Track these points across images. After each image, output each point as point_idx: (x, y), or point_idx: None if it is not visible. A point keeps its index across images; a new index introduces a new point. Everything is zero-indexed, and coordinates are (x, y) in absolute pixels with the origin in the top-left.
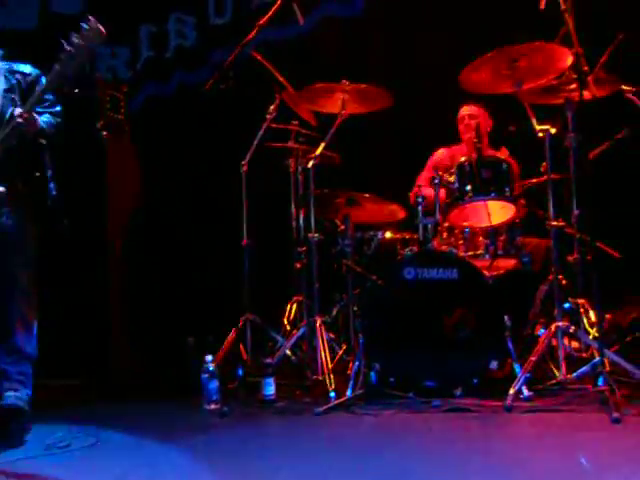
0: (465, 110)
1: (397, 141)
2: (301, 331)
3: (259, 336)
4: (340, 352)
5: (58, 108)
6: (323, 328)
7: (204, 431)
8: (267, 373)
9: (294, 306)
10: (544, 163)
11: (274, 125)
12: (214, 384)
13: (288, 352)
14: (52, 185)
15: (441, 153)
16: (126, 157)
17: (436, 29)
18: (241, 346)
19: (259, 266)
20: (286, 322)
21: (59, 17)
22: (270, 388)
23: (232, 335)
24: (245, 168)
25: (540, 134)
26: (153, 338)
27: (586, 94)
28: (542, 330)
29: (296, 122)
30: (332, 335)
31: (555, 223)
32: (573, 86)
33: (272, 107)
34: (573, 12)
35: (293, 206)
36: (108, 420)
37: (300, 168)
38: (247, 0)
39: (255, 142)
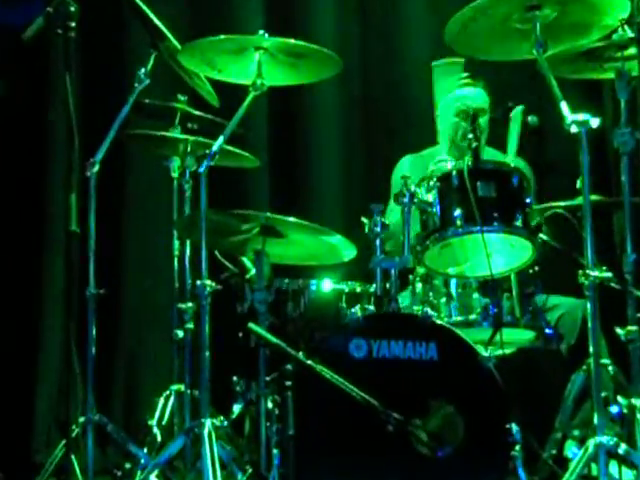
0: (471, 95)
1: (346, 134)
2: (178, 442)
3: (109, 450)
4: None
5: None
6: (215, 438)
7: None
8: None
9: (169, 401)
10: (581, 177)
11: (146, 101)
12: None
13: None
14: None
15: (407, 162)
16: None
17: None
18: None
19: (112, 335)
20: (154, 427)
21: None
22: None
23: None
24: (95, 168)
25: (573, 128)
26: None
27: None
28: (574, 448)
29: (184, 98)
30: (231, 449)
31: (596, 274)
32: (630, 52)
33: (143, 71)
34: None
35: (175, 233)
36: None
37: (188, 172)
38: None
39: (115, 128)
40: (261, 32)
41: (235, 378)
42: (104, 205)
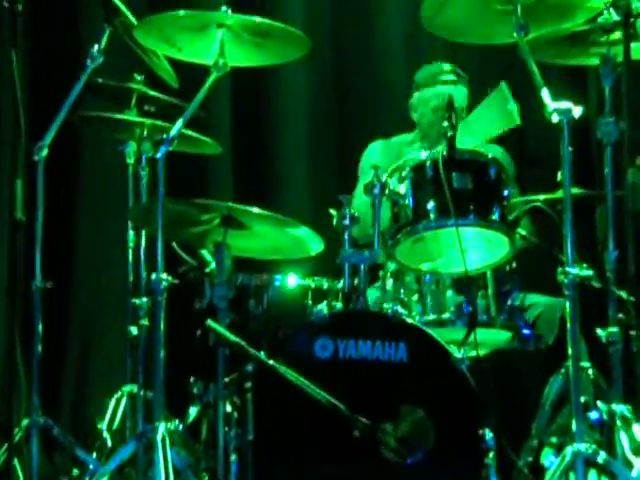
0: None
1: (316, 119)
2: (130, 448)
3: (56, 456)
4: None
5: None
6: (169, 443)
7: None
8: None
9: (121, 403)
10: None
11: (100, 81)
12: None
13: None
14: None
15: (375, 149)
16: None
17: None
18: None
19: (60, 331)
20: (104, 430)
21: None
22: None
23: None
24: (44, 153)
25: (554, 117)
26: None
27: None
28: (551, 456)
29: (140, 78)
30: (186, 455)
31: (576, 272)
32: (615, 36)
33: (96, 48)
34: None
35: (130, 223)
36: None
37: (144, 158)
38: None
39: (65, 109)
40: (224, 8)
41: (192, 379)
42: (53, 192)
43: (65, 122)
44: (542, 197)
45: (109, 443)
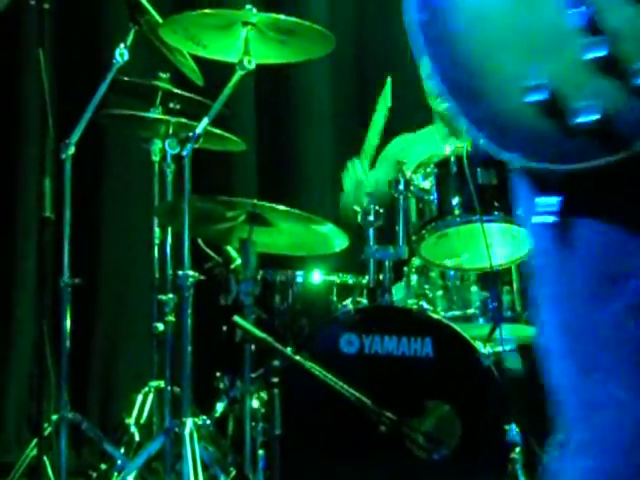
0: None
1: (339, 116)
2: (157, 443)
3: (84, 450)
4: None
5: None
6: (196, 438)
7: None
8: None
9: (149, 398)
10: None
11: (126, 79)
12: None
13: None
14: None
15: (404, 141)
16: None
17: None
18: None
19: (88, 327)
20: (132, 425)
21: None
22: None
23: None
24: (71, 151)
25: None
26: None
27: None
28: None
29: (166, 76)
30: (213, 450)
31: None
32: None
33: (122, 47)
34: None
35: (156, 220)
36: None
37: (170, 156)
38: None
39: (91, 108)
40: (249, 7)
41: (219, 374)
42: (80, 190)
43: (91, 120)
44: None
45: (137, 438)
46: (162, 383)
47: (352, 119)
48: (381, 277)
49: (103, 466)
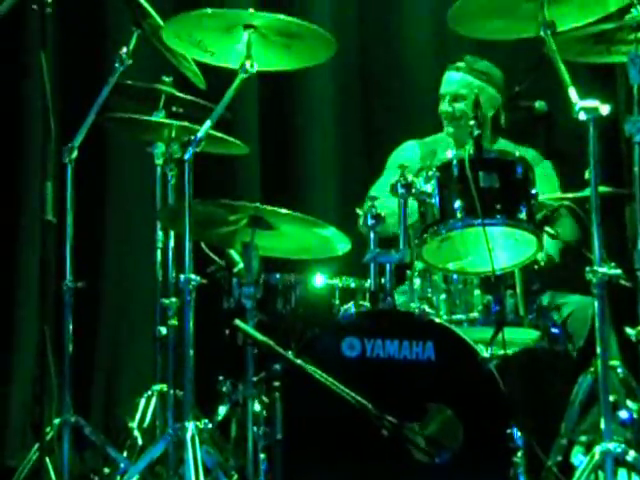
0: (449, 80)
1: (342, 119)
2: (160, 446)
3: (87, 454)
4: None
5: None
6: (199, 441)
7: None
8: None
9: (151, 402)
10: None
11: (129, 83)
12: None
13: None
14: None
15: (410, 148)
16: None
17: None
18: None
19: (91, 331)
20: (135, 429)
21: None
22: None
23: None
24: (73, 154)
25: (581, 115)
26: None
27: None
28: (580, 455)
29: (169, 79)
30: (215, 453)
31: (604, 271)
32: None
33: (125, 51)
34: None
35: (158, 224)
36: None
37: (172, 159)
38: None
39: (94, 111)
40: (251, 9)
41: (221, 378)
42: (83, 193)
43: (94, 124)
44: (570, 195)
45: (139, 441)
46: (165, 387)
47: (355, 123)
48: (383, 281)
49: (106, 470)
